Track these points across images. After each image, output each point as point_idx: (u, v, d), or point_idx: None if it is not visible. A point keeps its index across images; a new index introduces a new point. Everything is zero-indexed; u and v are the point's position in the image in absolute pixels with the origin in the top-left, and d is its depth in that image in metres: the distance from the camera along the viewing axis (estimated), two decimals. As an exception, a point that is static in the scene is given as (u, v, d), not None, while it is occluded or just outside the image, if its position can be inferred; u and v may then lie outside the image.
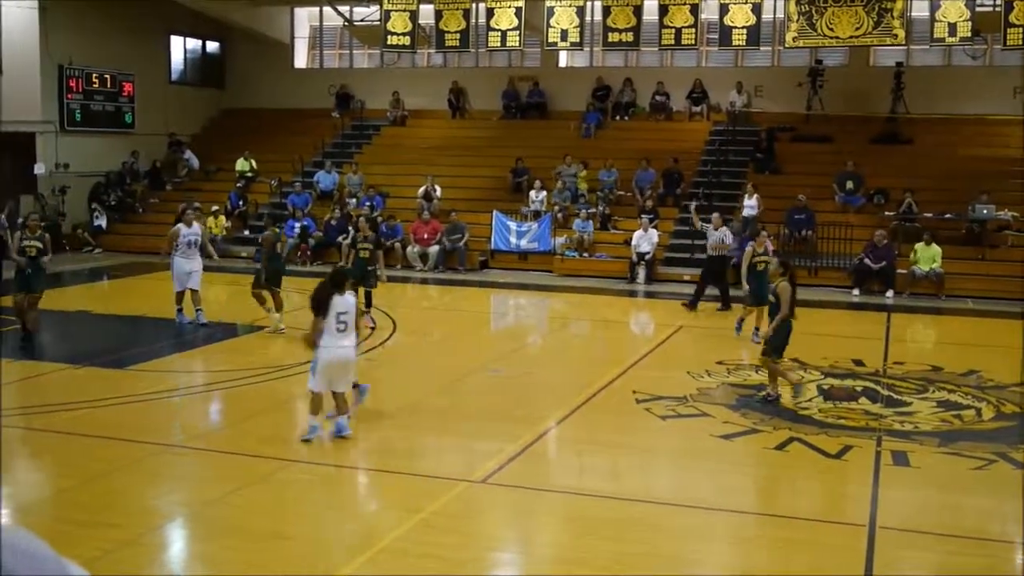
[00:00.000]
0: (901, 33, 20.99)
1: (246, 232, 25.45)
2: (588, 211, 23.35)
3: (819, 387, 12.09)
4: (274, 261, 15.34)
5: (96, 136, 26.82)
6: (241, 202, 26.11)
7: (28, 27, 24.91)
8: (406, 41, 23.65)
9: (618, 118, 27.99)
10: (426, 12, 23.70)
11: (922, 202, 22.16)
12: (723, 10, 21.70)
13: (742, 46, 22.49)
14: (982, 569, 7.00)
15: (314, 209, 25.18)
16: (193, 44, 31.21)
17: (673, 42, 22.34)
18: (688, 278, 18.13)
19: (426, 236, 23.34)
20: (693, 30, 22.01)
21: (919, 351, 16.09)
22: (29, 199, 25.04)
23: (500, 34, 22.73)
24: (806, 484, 8.96)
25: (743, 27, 21.63)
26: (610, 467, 9.33)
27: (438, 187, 24.95)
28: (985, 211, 21.21)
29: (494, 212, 23.85)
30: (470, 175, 26.49)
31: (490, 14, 22.78)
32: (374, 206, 24.46)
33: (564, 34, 22.56)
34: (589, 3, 22.66)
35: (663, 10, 22.00)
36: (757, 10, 21.54)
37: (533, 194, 24.29)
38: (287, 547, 7.18)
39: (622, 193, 24.62)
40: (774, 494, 8.59)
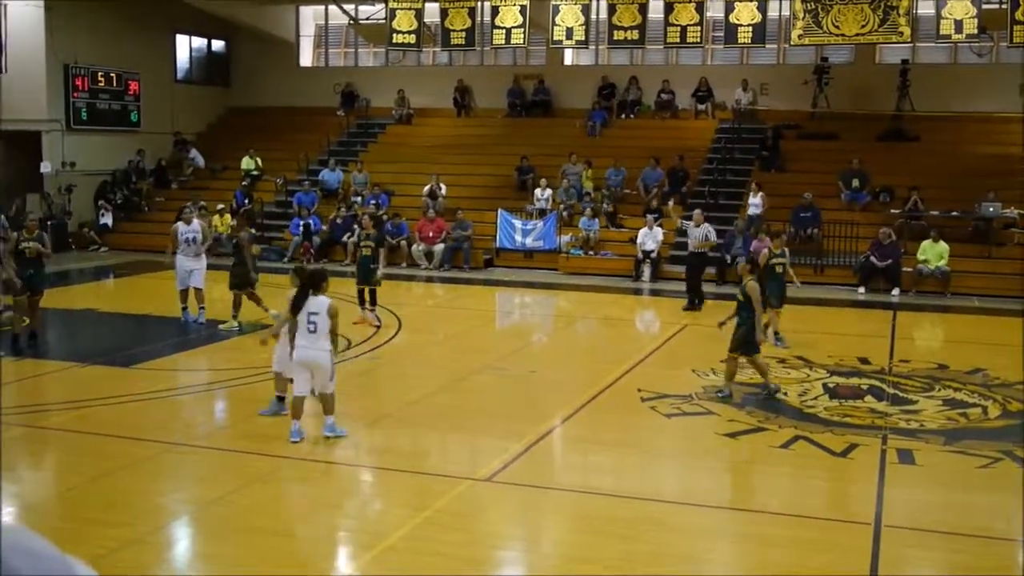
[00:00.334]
0: (907, 30, 20.95)
1: (252, 230, 25.49)
2: (592, 207, 23.34)
3: (825, 385, 12.08)
4: (251, 261, 15.36)
5: (102, 135, 26.87)
6: (247, 200, 26.14)
7: (34, 26, 24.99)
8: (411, 39, 23.65)
9: (623, 116, 27.96)
10: (431, 10, 23.69)
11: (928, 200, 22.13)
12: (728, 8, 21.69)
13: (748, 44, 22.50)
14: (988, 567, 6.98)
15: (319, 208, 25.19)
16: (199, 43, 31.25)
17: (678, 40, 22.33)
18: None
19: (431, 234, 23.33)
20: (698, 28, 22.00)
21: (925, 349, 16.06)
22: (35, 198, 25.14)
23: (505, 31, 22.72)
24: (811, 482, 8.94)
25: (748, 25, 21.62)
26: (615, 465, 9.33)
27: (443, 185, 24.94)
28: (991, 209, 21.18)
29: (499, 210, 23.82)
30: (475, 173, 26.49)
31: (495, 12, 22.77)
32: (379, 204, 24.48)
33: (569, 32, 22.55)
34: (594, 1, 22.60)
35: (668, 8, 21.98)
36: (763, 8, 21.53)
37: (538, 192, 24.28)
38: (292, 545, 7.20)
39: (628, 192, 24.60)
40: (779, 492, 8.58)
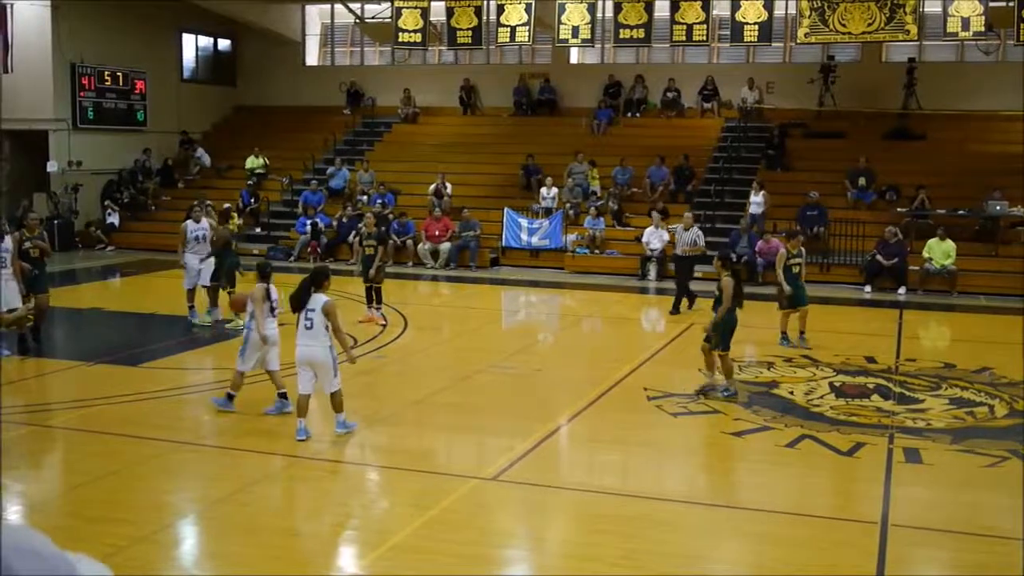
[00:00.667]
0: (914, 29, 20.89)
1: (258, 229, 25.59)
2: (597, 206, 23.32)
3: (831, 384, 12.06)
4: (229, 258, 15.36)
5: (108, 134, 26.93)
6: (253, 199, 26.18)
7: (41, 26, 25.04)
8: (417, 38, 23.63)
9: (629, 115, 27.94)
10: (437, 9, 23.69)
11: (935, 198, 22.09)
12: (735, 6, 21.62)
13: (754, 42, 22.43)
14: (994, 566, 6.97)
15: (325, 207, 25.22)
16: (205, 42, 31.30)
17: (684, 39, 22.28)
18: (700, 275, 17.97)
19: (437, 233, 23.34)
20: (704, 26, 21.95)
21: (931, 348, 16.03)
22: (42, 197, 25.21)
23: (510, 30, 22.70)
24: (818, 481, 8.94)
25: (755, 23, 21.57)
26: (621, 464, 9.33)
27: (449, 184, 24.94)
28: (998, 207, 21.13)
29: (505, 209, 23.82)
30: (481, 172, 26.50)
31: (500, 10, 22.74)
32: (385, 203, 24.49)
33: (575, 31, 22.52)
34: (600, 0, 22.62)
35: (674, 6, 21.92)
36: (769, 6, 21.47)
37: (544, 191, 24.27)
38: (299, 543, 7.21)
39: (636, 190, 24.56)
40: (786, 491, 8.56)
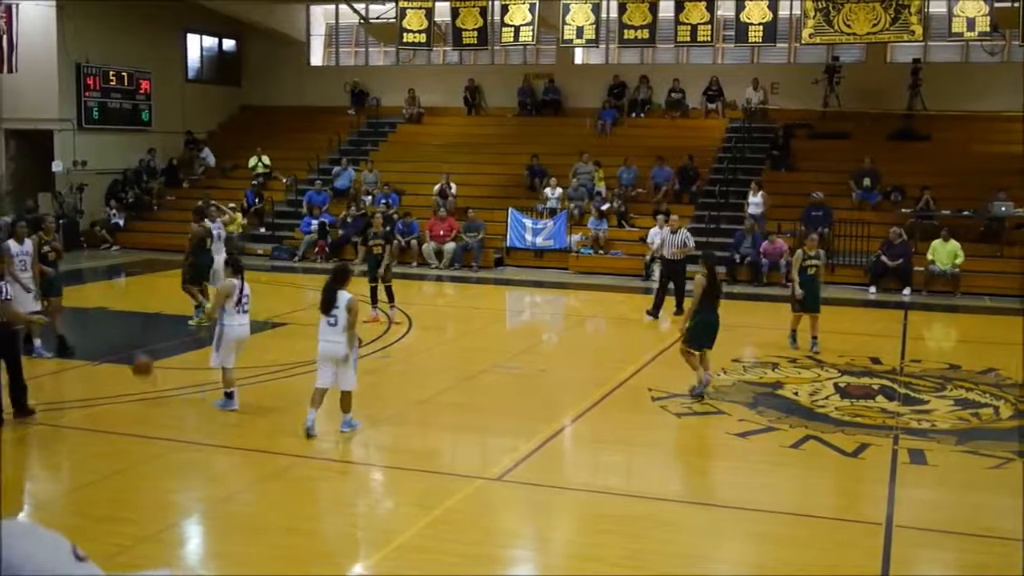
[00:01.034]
0: (919, 29, 20.87)
1: (262, 229, 25.62)
2: (601, 208, 23.29)
3: (836, 385, 12.05)
4: (202, 256, 15.38)
5: (113, 134, 26.96)
6: (257, 199, 26.20)
7: (46, 26, 25.07)
8: (422, 39, 23.66)
9: (634, 115, 27.93)
10: (442, 9, 23.70)
11: (939, 199, 22.05)
12: (739, 7, 21.63)
13: (758, 43, 22.41)
14: (999, 568, 6.96)
15: (329, 207, 25.25)
16: (210, 42, 31.32)
17: (689, 39, 22.29)
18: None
19: (442, 233, 23.34)
20: (709, 27, 21.97)
21: (936, 349, 16.01)
22: (47, 197, 25.26)
23: (513, 29, 22.71)
24: (822, 482, 8.94)
25: (759, 24, 21.56)
26: (625, 465, 9.33)
27: (453, 184, 24.95)
28: (1003, 208, 21.09)
29: (510, 209, 23.81)
30: (485, 172, 26.50)
31: (504, 10, 22.75)
32: (390, 203, 24.50)
33: (580, 31, 22.53)
34: (605, 0, 22.62)
35: (679, 7, 21.93)
36: (774, 6, 21.47)
37: (548, 191, 24.26)
38: (304, 543, 7.21)
39: (640, 191, 24.53)
40: (790, 492, 8.56)
